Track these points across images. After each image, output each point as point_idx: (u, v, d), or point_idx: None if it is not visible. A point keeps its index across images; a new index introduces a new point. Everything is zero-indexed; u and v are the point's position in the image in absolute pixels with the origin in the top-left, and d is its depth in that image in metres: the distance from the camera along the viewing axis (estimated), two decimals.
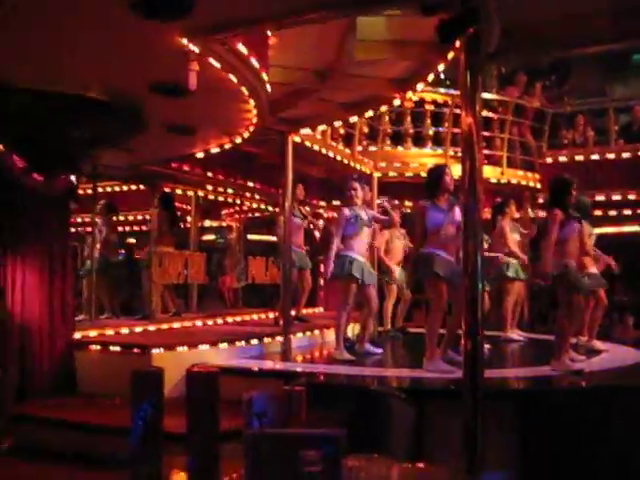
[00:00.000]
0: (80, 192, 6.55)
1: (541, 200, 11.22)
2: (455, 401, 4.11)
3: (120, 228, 9.95)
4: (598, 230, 7.97)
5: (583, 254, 6.78)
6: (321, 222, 9.70)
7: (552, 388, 5.24)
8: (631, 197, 11.69)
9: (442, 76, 12.74)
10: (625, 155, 11.89)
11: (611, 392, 4.81)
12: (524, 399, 4.89)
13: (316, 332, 8.07)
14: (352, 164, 9.28)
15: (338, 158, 8.94)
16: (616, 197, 11.63)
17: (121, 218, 10.00)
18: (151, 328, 7.17)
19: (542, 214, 8.09)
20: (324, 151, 8.58)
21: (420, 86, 6.40)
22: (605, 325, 8.40)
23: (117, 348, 5.99)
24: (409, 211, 10.03)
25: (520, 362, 7.28)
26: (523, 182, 11.30)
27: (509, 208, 8.64)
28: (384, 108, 8.17)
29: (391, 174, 10.06)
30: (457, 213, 5.76)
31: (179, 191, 9.07)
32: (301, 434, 1.42)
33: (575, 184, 6.19)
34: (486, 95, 11.32)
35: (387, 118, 10.42)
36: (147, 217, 8.35)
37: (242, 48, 4.25)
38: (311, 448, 1.31)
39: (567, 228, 6.06)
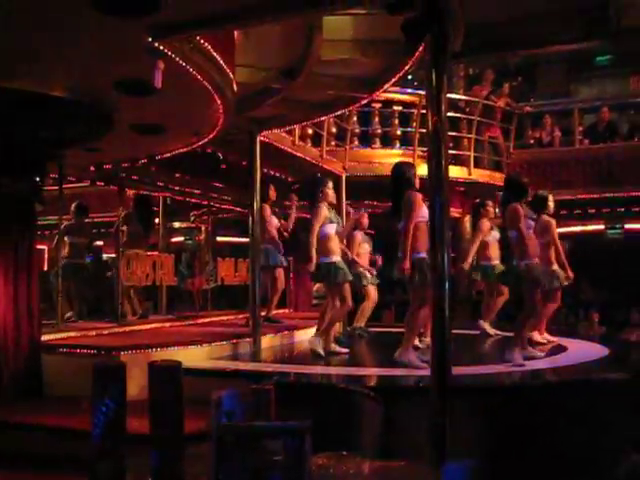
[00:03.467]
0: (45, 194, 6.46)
1: None
2: (423, 398, 4.14)
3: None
4: (564, 229, 8.09)
5: (550, 248, 6.92)
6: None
7: (512, 384, 5.29)
8: (595, 196, 11.90)
9: (409, 77, 12.91)
10: (591, 154, 12.12)
11: (575, 386, 4.89)
12: (490, 394, 4.93)
13: (286, 333, 8.06)
14: (320, 164, 9.29)
15: (306, 158, 8.94)
16: (581, 196, 11.82)
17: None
18: (119, 330, 7.10)
19: None
20: (292, 151, 8.58)
21: (387, 86, 6.42)
22: (571, 322, 8.52)
23: (85, 351, 5.93)
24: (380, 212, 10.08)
25: (485, 359, 7.33)
26: (490, 182, 11.42)
27: (485, 209, 8.66)
28: (352, 108, 8.19)
29: (359, 174, 10.09)
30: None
31: (146, 192, 9.00)
32: (266, 426, 1.42)
33: (529, 182, 6.30)
34: (453, 95, 11.46)
35: (355, 118, 10.46)
36: (116, 219, 8.24)
37: (208, 46, 4.23)
38: (275, 439, 1.32)
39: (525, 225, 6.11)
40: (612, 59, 17.47)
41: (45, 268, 9.55)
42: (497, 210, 8.89)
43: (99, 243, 10.70)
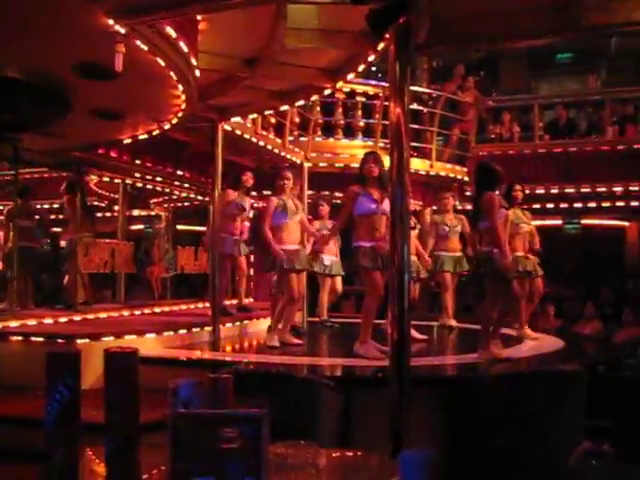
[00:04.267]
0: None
1: (468, 193, 11.50)
2: (382, 388, 4.16)
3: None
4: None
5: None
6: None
7: (474, 375, 5.38)
8: (554, 191, 12.09)
9: (373, 68, 12.92)
10: (550, 150, 12.33)
11: (531, 378, 4.96)
12: (449, 386, 4.99)
13: (246, 322, 8.03)
14: (283, 154, 9.26)
15: (269, 147, 8.91)
16: (540, 191, 12.00)
17: (46, 206, 9.74)
18: (76, 318, 6.99)
19: (469, 206, 8.26)
20: (255, 140, 8.53)
21: (351, 76, 6.42)
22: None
23: (40, 339, 5.82)
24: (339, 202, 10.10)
25: (448, 350, 7.42)
26: (452, 175, 11.53)
27: (443, 202, 8.78)
28: (315, 98, 8.18)
29: (321, 165, 10.09)
30: (387, 204, 5.84)
31: (106, 179, 8.87)
32: (222, 413, 1.41)
33: (501, 173, 6.30)
34: (416, 88, 11.52)
35: (318, 108, 10.44)
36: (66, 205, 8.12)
37: (170, 31, 4.17)
38: (231, 427, 1.31)
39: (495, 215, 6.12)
40: (572, 57, 17.78)
41: None
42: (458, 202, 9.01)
43: (57, 229, 10.53)
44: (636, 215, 13.50)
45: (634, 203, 12.61)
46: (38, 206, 8.92)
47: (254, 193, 10.33)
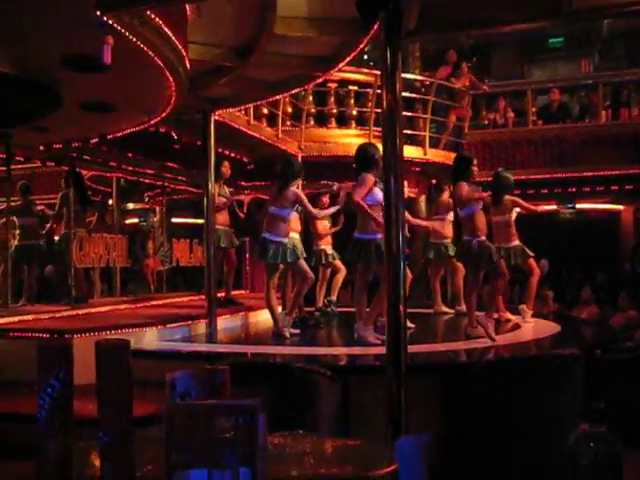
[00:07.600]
0: None
1: None
2: (380, 376, 4.17)
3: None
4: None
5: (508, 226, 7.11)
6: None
7: (471, 361, 5.39)
8: (548, 176, 12.08)
9: (365, 56, 12.88)
10: (544, 135, 12.32)
11: (529, 362, 4.97)
12: (445, 372, 4.99)
13: (242, 313, 8.02)
14: (276, 144, 9.23)
15: (262, 138, 8.87)
16: (534, 176, 12.00)
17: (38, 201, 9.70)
18: (73, 313, 6.97)
19: None
20: (247, 131, 8.50)
21: (342, 64, 6.38)
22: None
23: (37, 334, 5.80)
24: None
25: (443, 337, 7.42)
26: (446, 162, 11.49)
27: (442, 189, 8.71)
28: (307, 87, 8.15)
29: (315, 154, 10.06)
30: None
31: (99, 172, 8.83)
32: (217, 404, 1.40)
33: (474, 160, 6.43)
34: (409, 75, 11.50)
35: (311, 98, 10.41)
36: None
37: (159, 21, 4.13)
38: (225, 417, 1.31)
39: (472, 203, 6.21)
40: (564, 42, 17.74)
41: None
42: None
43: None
44: (630, 198, 13.51)
45: (628, 186, 12.61)
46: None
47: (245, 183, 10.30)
